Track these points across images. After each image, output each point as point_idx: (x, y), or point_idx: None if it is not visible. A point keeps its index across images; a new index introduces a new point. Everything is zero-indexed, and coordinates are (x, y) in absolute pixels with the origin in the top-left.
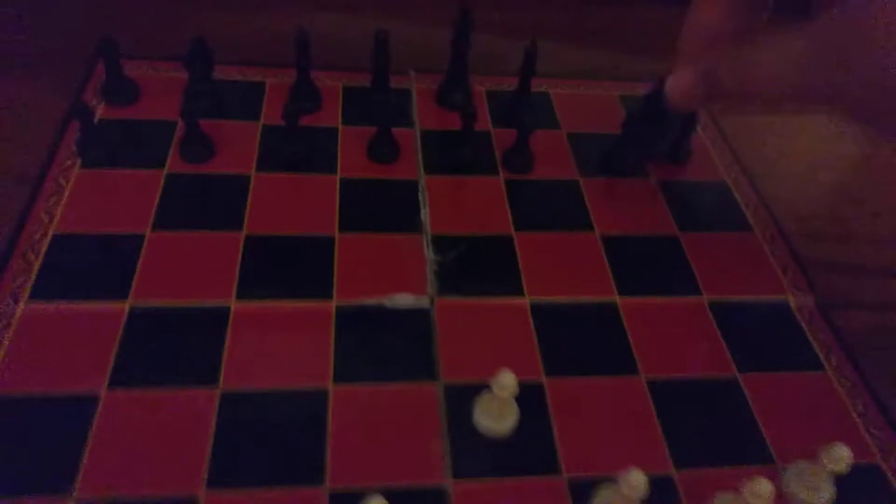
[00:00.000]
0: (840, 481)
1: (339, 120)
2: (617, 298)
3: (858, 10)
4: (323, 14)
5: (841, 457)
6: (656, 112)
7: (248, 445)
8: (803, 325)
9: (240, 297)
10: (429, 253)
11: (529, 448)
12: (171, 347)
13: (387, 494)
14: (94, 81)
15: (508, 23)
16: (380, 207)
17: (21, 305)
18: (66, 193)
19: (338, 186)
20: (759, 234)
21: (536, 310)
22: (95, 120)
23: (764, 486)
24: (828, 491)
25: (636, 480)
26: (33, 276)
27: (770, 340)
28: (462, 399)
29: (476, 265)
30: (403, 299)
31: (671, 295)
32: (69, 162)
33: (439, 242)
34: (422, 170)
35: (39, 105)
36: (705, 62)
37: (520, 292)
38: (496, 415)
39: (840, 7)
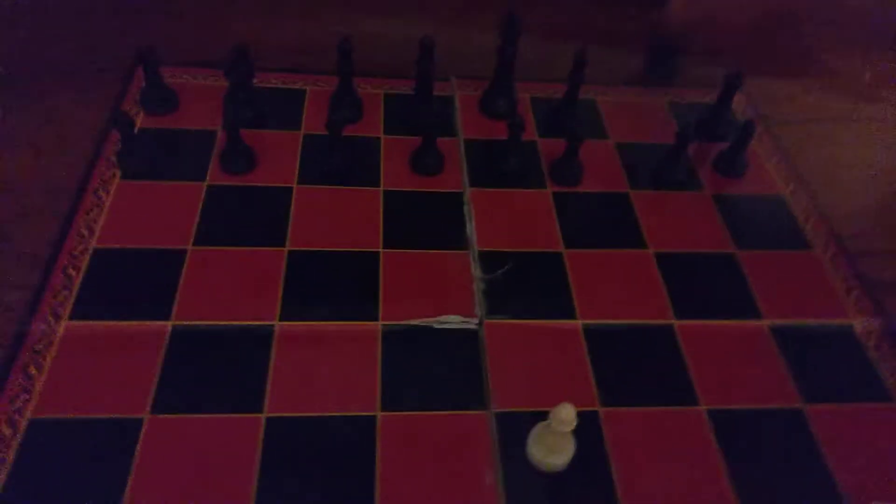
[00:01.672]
0: None
1: (382, 129)
2: (674, 322)
3: None
4: (365, 20)
5: None
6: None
7: (296, 472)
8: (870, 351)
9: (284, 316)
10: (476, 271)
11: (586, 481)
12: (214, 369)
13: None
14: (133, 90)
15: (552, 28)
16: (424, 222)
17: (63, 324)
18: (107, 206)
19: (381, 199)
20: (820, 253)
21: (590, 333)
22: (135, 130)
23: None
24: None
25: None
26: (74, 293)
27: (835, 368)
28: (515, 428)
29: (525, 284)
30: (451, 320)
31: (730, 318)
32: (109, 173)
33: (486, 259)
34: (467, 182)
35: (78, 115)
36: None
37: (571, 314)
38: (553, 448)
39: None
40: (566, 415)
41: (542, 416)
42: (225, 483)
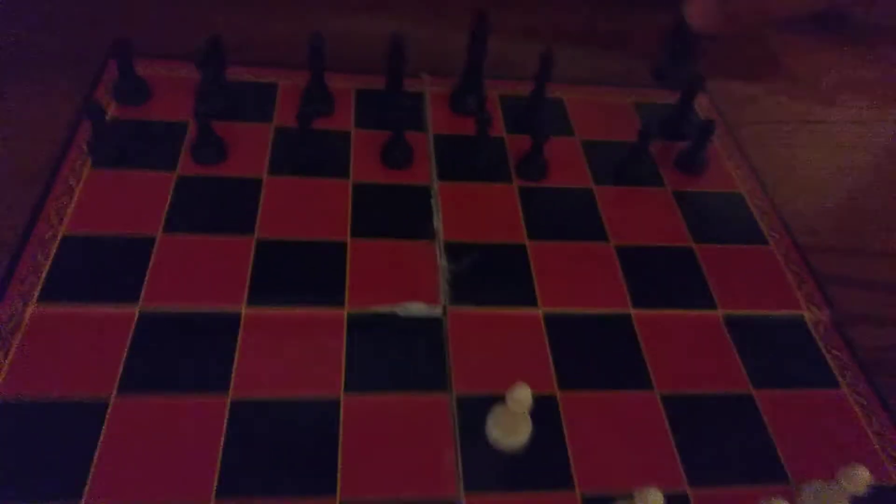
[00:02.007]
0: (857, 502)
1: (352, 123)
2: (631, 311)
3: None
4: (337, 16)
5: (860, 478)
6: (681, 42)
7: (259, 454)
8: (818, 341)
9: (251, 302)
10: (441, 261)
11: (543, 462)
12: (181, 353)
13: None
14: (105, 81)
15: (521, 27)
16: (392, 213)
17: (30, 308)
18: (77, 194)
19: (350, 191)
20: (775, 247)
21: (550, 321)
22: (107, 119)
23: None
24: None
25: (653, 500)
26: (43, 278)
27: (785, 356)
28: (474, 411)
29: (489, 274)
30: (416, 308)
31: (686, 308)
32: (80, 162)
33: (452, 250)
34: (435, 176)
35: (50, 104)
36: None
37: (533, 303)
38: (510, 428)
39: None
40: (521, 395)
41: (501, 399)
42: (189, 463)
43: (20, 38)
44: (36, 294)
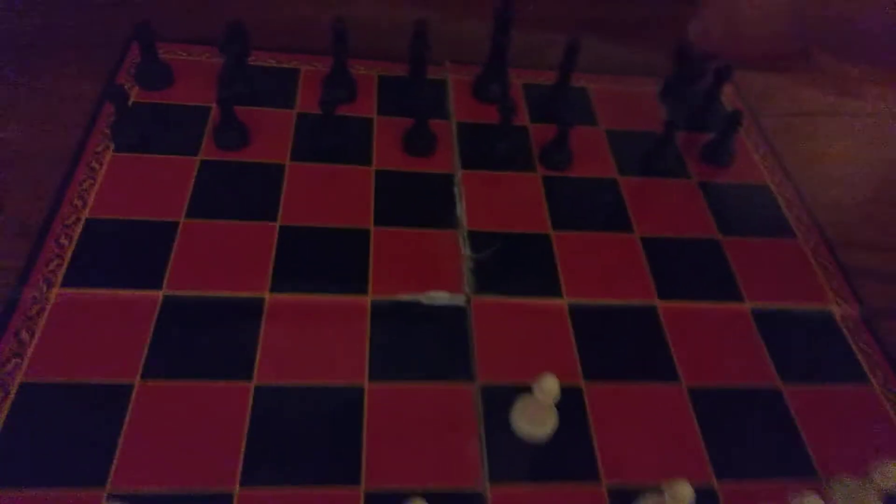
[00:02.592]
0: (890, 499)
1: (375, 110)
2: (657, 302)
3: None
4: (360, 2)
5: (894, 475)
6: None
7: (283, 442)
8: (848, 336)
9: (274, 289)
10: (465, 249)
11: (568, 453)
12: (204, 338)
13: (425, 497)
14: (127, 65)
15: (546, 15)
16: (415, 201)
17: (55, 291)
18: (100, 178)
19: (373, 178)
20: (802, 241)
21: (575, 312)
22: (129, 104)
23: (814, 503)
24: None
25: (683, 493)
26: (66, 262)
27: (814, 351)
28: (499, 401)
29: (513, 263)
30: (440, 297)
31: (712, 300)
32: (102, 146)
33: (475, 239)
34: (458, 164)
35: (73, 89)
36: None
37: (558, 293)
38: (536, 419)
39: None
40: (549, 386)
41: (527, 389)
42: (213, 448)
43: (43, 22)
44: (60, 277)
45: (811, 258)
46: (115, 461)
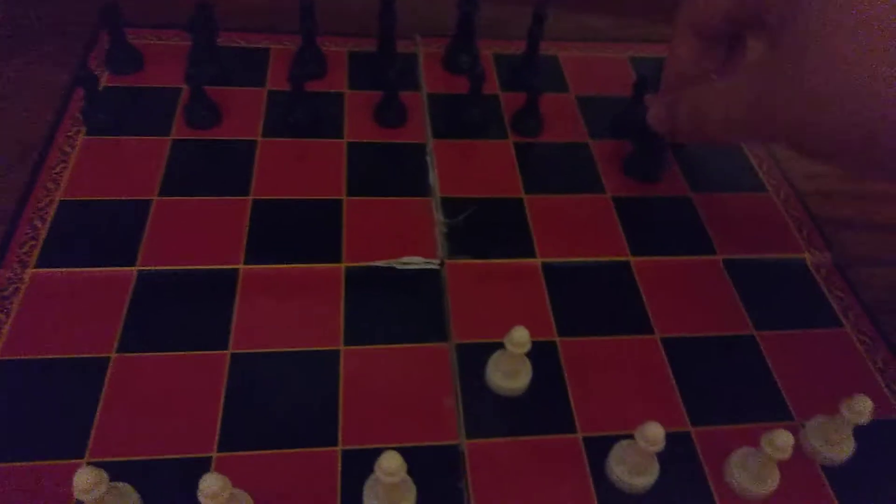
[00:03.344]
0: (859, 435)
1: (346, 85)
2: (630, 258)
3: (786, 54)
4: None
5: (863, 408)
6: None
7: (260, 407)
8: (820, 282)
9: (248, 261)
10: (438, 215)
11: (544, 407)
12: (180, 311)
13: (401, 453)
14: (97, 50)
15: None
16: (388, 171)
17: (29, 271)
18: (72, 161)
19: (345, 151)
20: (773, 194)
21: (548, 270)
22: (100, 87)
23: (784, 438)
24: (848, 444)
25: (653, 433)
26: (41, 243)
27: (787, 298)
28: (474, 359)
29: (486, 228)
30: (413, 261)
31: (685, 254)
32: (74, 129)
33: (448, 205)
34: (430, 133)
35: (43, 74)
36: (672, 98)
37: (531, 254)
38: (510, 372)
39: (770, 50)
40: (519, 336)
41: (502, 346)
42: (191, 416)
43: (10, 9)
44: (34, 259)
45: (782, 210)
46: (93, 432)
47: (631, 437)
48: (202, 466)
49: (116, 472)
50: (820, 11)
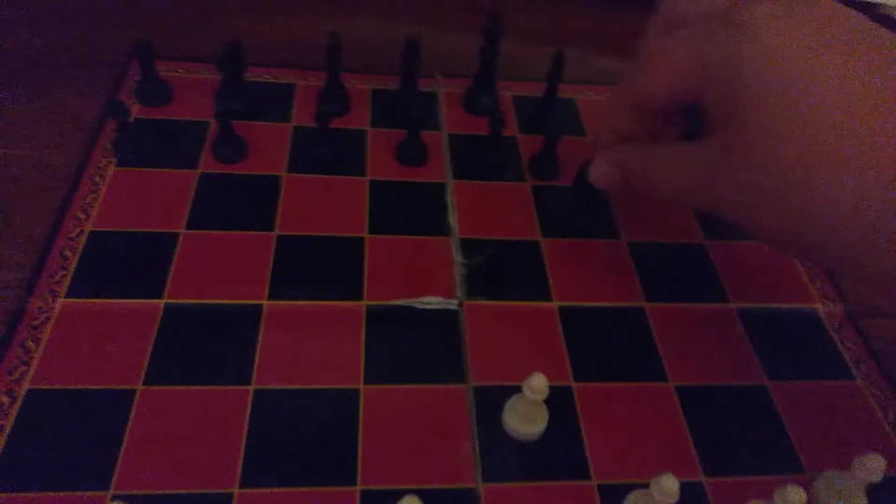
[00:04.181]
0: (871, 492)
1: (368, 122)
2: (644, 304)
3: (727, 145)
4: (353, 18)
5: (875, 467)
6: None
7: (281, 443)
8: (833, 333)
9: (272, 296)
10: (457, 256)
11: (559, 452)
12: (204, 345)
13: (419, 495)
14: (128, 83)
15: (533, 28)
16: (408, 210)
17: (59, 301)
18: (102, 192)
19: (367, 188)
20: None
21: (565, 314)
22: (131, 119)
23: (796, 495)
24: (860, 501)
25: (669, 486)
26: (71, 273)
27: (800, 349)
28: (491, 401)
29: (504, 269)
30: (433, 301)
31: (699, 302)
32: (105, 161)
33: (467, 246)
34: (450, 174)
35: (75, 105)
36: (618, 155)
37: (548, 297)
38: (526, 418)
39: (721, 134)
40: (538, 383)
41: (518, 389)
42: (213, 450)
43: (44, 41)
44: (64, 288)
45: (794, 260)
46: (118, 464)
47: (645, 485)
48: (224, 502)
49: None
50: (761, 110)
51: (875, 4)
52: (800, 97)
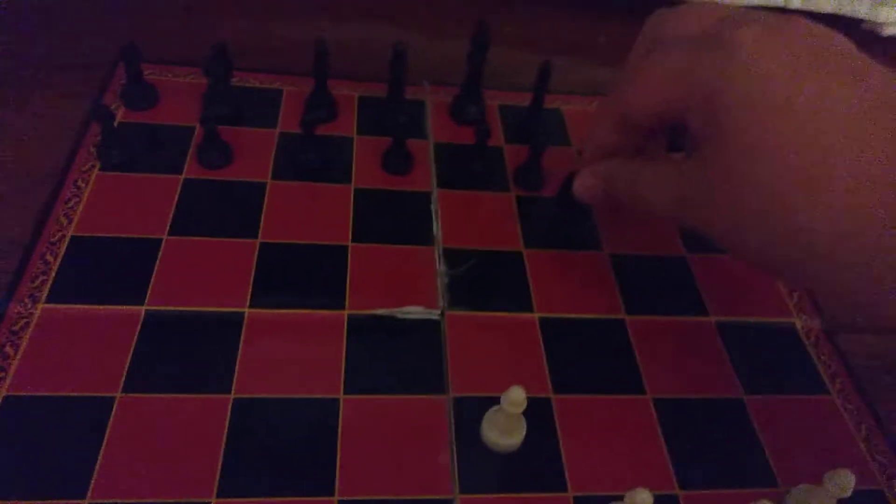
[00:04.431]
0: None
1: (355, 130)
2: (625, 317)
3: (709, 166)
4: (341, 24)
5: (845, 483)
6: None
7: (260, 453)
8: (809, 348)
9: (253, 304)
10: (440, 266)
11: (536, 464)
12: (185, 352)
13: None
14: (113, 86)
15: (521, 37)
16: (393, 218)
17: (40, 306)
18: (85, 196)
19: (352, 196)
20: None
21: (545, 325)
22: (115, 124)
23: None
24: None
25: (643, 499)
26: (51, 278)
27: (776, 363)
28: (471, 412)
29: (486, 280)
30: (414, 311)
31: (679, 314)
32: (88, 165)
33: (450, 256)
34: (435, 183)
35: (59, 109)
36: (604, 168)
37: (529, 308)
38: (504, 430)
39: (703, 155)
40: (516, 396)
41: (498, 401)
42: (191, 459)
43: (29, 44)
44: (45, 293)
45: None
46: (95, 472)
47: (620, 498)
48: None
49: None
50: (743, 132)
51: (859, 20)
52: (780, 119)
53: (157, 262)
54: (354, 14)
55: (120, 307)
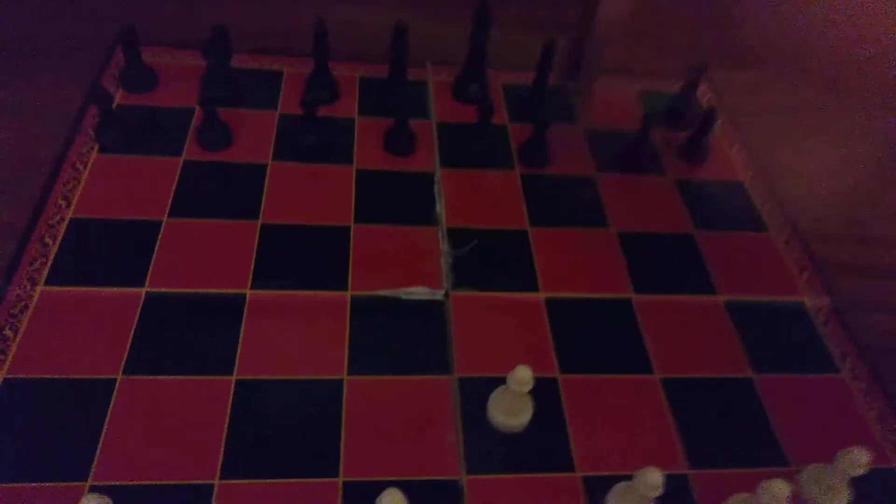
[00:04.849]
0: (855, 484)
1: (356, 111)
2: (632, 296)
3: None
4: (341, 4)
5: (859, 461)
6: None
7: (263, 435)
8: (819, 327)
9: (255, 286)
10: (444, 246)
11: (543, 444)
12: (186, 334)
13: (401, 487)
14: (112, 68)
15: (523, 17)
16: (395, 199)
17: (38, 289)
18: (84, 178)
19: (354, 177)
20: (775, 235)
21: (551, 305)
22: (114, 106)
23: (780, 487)
24: (844, 494)
25: (653, 479)
26: (50, 260)
27: (786, 342)
28: (476, 393)
29: (491, 259)
30: (418, 291)
31: (686, 293)
32: (87, 147)
33: (454, 235)
34: (438, 162)
35: (58, 92)
36: None
37: (534, 288)
38: (511, 410)
39: None
40: (522, 375)
41: (503, 381)
42: (194, 441)
43: (28, 26)
44: (44, 276)
45: (783, 252)
46: (97, 455)
47: (629, 478)
48: (205, 493)
49: (119, 496)
50: None
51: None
52: None
53: (157, 243)
54: None
55: (120, 289)
